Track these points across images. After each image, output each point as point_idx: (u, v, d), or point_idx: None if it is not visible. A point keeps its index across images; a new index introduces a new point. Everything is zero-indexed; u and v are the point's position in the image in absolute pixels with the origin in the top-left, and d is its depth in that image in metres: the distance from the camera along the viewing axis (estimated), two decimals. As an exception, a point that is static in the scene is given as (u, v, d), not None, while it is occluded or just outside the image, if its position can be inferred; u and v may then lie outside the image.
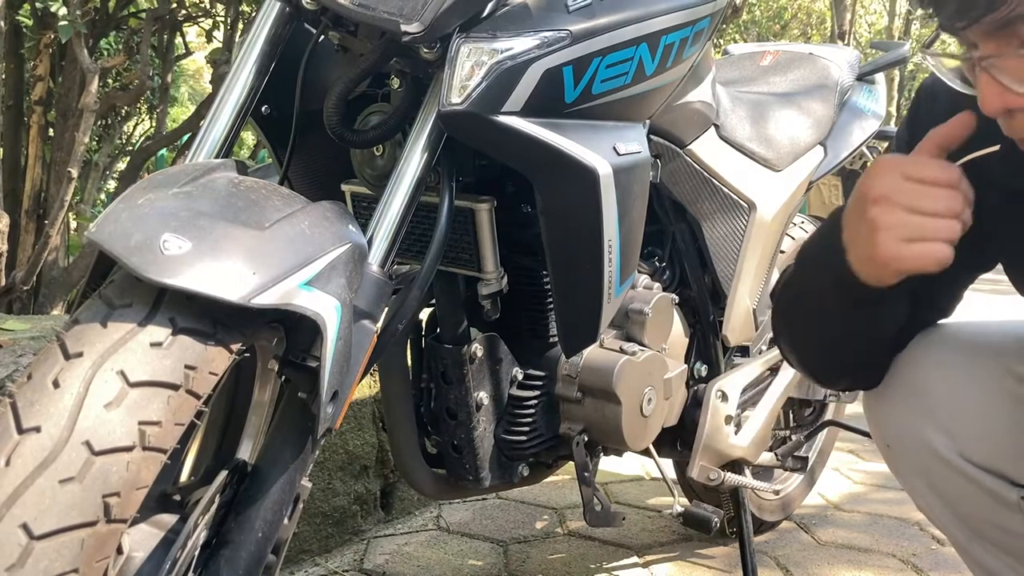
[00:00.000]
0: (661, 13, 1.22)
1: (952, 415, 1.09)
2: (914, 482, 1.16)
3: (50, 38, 3.65)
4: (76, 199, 3.93)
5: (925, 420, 1.11)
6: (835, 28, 10.79)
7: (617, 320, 1.47)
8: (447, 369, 1.34)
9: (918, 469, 1.14)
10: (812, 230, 2.05)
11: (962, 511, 1.12)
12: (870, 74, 2.07)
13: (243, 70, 1.14)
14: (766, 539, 2.06)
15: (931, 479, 1.13)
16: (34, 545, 0.72)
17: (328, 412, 0.95)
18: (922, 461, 1.13)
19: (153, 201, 0.89)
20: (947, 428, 1.09)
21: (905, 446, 1.14)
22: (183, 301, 0.84)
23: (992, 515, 1.09)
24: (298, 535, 1.82)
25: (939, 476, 1.11)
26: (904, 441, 1.14)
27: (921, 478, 1.15)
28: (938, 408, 1.10)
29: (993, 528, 1.10)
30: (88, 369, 0.78)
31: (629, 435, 1.42)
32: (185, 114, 8.17)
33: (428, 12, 1.06)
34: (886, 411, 1.16)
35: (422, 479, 1.41)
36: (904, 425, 1.13)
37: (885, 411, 1.16)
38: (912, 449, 1.13)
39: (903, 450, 1.15)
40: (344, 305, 0.94)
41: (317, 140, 1.23)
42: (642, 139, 1.28)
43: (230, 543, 0.95)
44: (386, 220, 1.08)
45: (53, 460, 0.74)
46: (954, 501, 1.12)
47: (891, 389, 1.14)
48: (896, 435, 1.15)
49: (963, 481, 1.09)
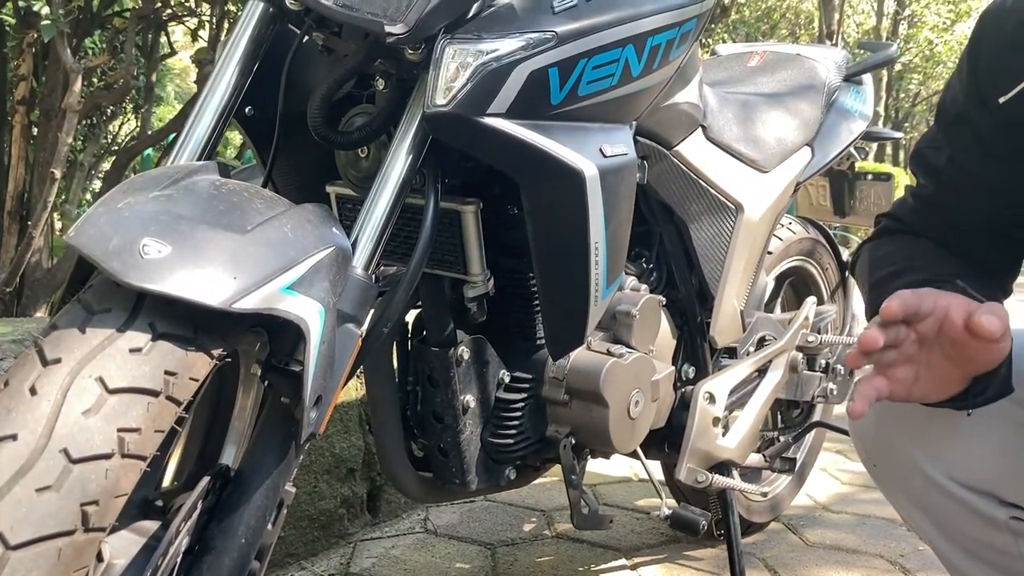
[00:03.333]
0: (648, 14, 1.22)
1: (940, 434, 1.08)
2: (901, 501, 1.15)
3: (33, 37, 3.62)
4: (61, 199, 3.90)
5: (912, 440, 1.09)
6: (823, 28, 10.83)
7: (604, 322, 1.46)
8: (433, 372, 1.33)
9: (905, 489, 1.13)
10: (800, 231, 2.06)
11: (950, 530, 1.11)
12: (858, 74, 2.07)
13: (226, 71, 1.13)
14: (754, 540, 2.06)
15: (918, 499, 1.12)
16: (10, 555, 0.71)
17: (312, 417, 0.94)
18: (909, 481, 1.11)
19: (133, 205, 0.88)
20: (934, 448, 1.08)
21: (893, 466, 1.13)
22: (163, 306, 0.83)
23: (981, 534, 1.08)
24: (284, 539, 1.81)
25: (926, 496, 1.10)
26: (891, 462, 1.13)
27: (908, 498, 1.13)
28: (925, 427, 1.08)
29: (982, 547, 1.09)
30: (66, 376, 0.77)
31: (616, 437, 1.41)
32: (171, 113, 8.13)
33: (412, 13, 1.05)
34: (871, 432, 1.15)
35: (409, 482, 1.40)
36: (890, 446, 1.12)
37: (870, 431, 1.15)
38: (899, 469, 1.12)
39: (890, 470, 1.14)
40: (328, 309, 0.93)
41: (301, 141, 1.22)
42: (629, 141, 1.28)
43: (213, 549, 0.94)
44: (371, 222, 1.07)
45: (30, 468, 0.73)
46: (942, 520, 1.11)
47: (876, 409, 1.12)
48: (882, 455, 1.14)
49: (951, 501, 1.08)
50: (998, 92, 1.01)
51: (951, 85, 1.13)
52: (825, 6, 10.81)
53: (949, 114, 1.12)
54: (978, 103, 1.06)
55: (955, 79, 1.12)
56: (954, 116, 1.10)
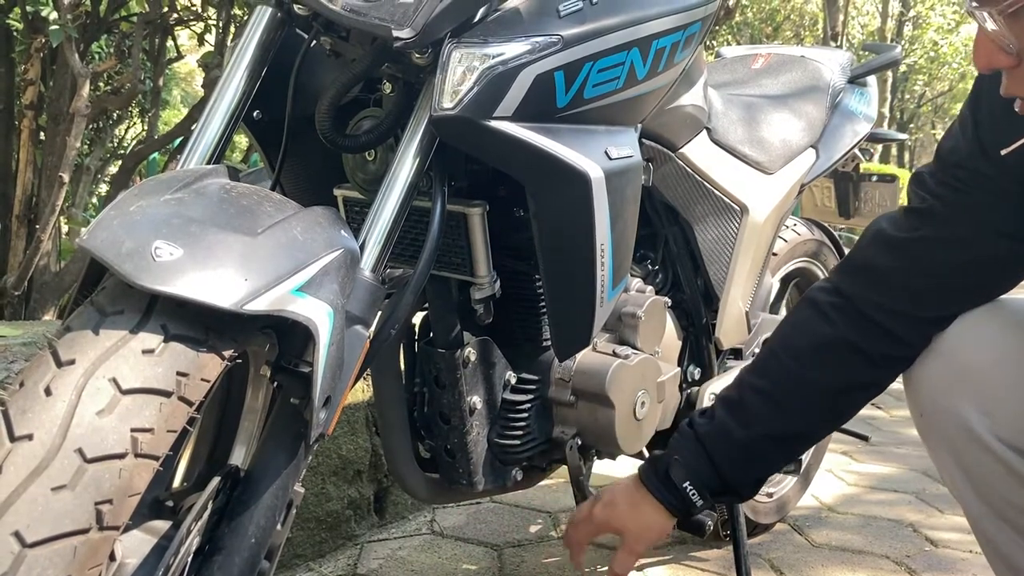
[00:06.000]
0: (652, 18, 1.23)
1: (992, 393, 1.10)
2: (942, 454, 1.17)
3: (41, 42, 3.65)
4: (67, 203, 3.91)
5: (963, 395, 1.11)
6: (828, 30, 10.82)
7: (610, 323, 1.47)
8: (440, 373, 1.33)
9: (948, 442, 1.15)
10: (804, 232, 2.06)
11: (985, 489, 1.13)
12: (862, 76, 2.07)
13: (235, 75, 1.14)
14: (760, 541, 2.06)
15: (959, 453, 1.14)
16: (26, 553, 0.72)
17: (321, 418, 0.95)
18: (954, 435, 1.13)
19: (144, 208, 0.89)
20: (984, 405, 1.10)
21: (939, 418, 1.15)
22: (175, 308, 0.84)
23: (1016, 496, 1.10)
24: (291, 540, 1.82)
25: (968, 452, 1.12)
26: (939, 414, 1.15)
27: (950, 451, 1.15)
28: (978, 383, 1.10)
29: (1012, 508, 1.11)
30: (80, 376, 0.78)
31: (623, 438, 1.42)
32: (177, 117, 8.15)
33: (419, 18, 1.05)
34: (925, 381, 1.17)
35: (416, 483, 1.40)
36: (941, 397, 1.14)
37: (924, 381, 1.17)
38: (945, 422, 1.14)
39: (936, 422, 1.16)
40: (336, 311, 0.94)
41: (309, 145, 1.23)
42: (634, 143, 1.28)
43: (223, 549, 0.95)
44: (378, 225, 1.08)
45: (45, 468, 0.74)
46: (979, 478, 1.13)
47: (933, 359, 1.15)
48: (931, 406, 1.16)
49: (992, 460, 1.10)
50: (1001, 144, 1.04)
51: (953, 133, 1.16)
52: (829, 7, 10.80)
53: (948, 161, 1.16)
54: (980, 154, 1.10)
55: (957, 127, 1.16)
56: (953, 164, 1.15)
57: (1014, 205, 1.09)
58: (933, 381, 1.15)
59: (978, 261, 1.13)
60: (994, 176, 1.09)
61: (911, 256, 1.17)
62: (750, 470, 1.27)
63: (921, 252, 1.16)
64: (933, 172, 1.18)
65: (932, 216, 1.16)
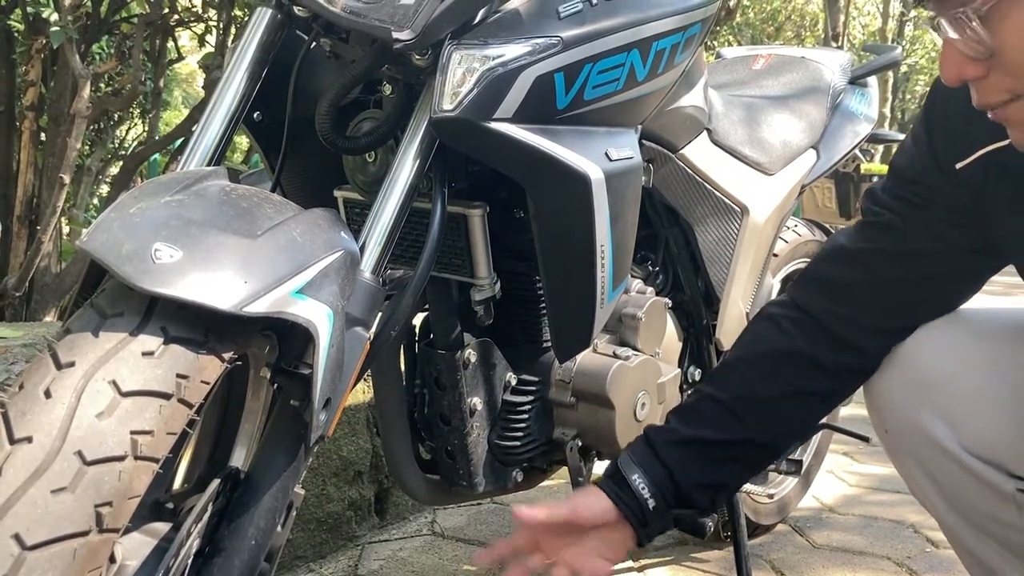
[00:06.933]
0: (652, 19, 1.23)
1: (954, 403, 1.09)
2: (910, 468, 1.17)
3: (42, 43, 3.65)
4: (68, 204, 3.92)
5: (926, 407, 1.11)
6: (828, 30, 10.82)
7: (610, 325, 1.47)
8: (440, 375, 1.33)
9: (915, 456, 1.14)
10: (805, 233, 2.06)
11: (956, 499, 1.12)
12: (863, 77, 2.07)
13: (235, 77, 1.14)
14: (761, 542, 2.06)
15: (927, 466, 1.13)
16: (26, 555, 0.72)
17: (321, 419, 0.95)
18: (920, 448, 1.13)
19: (144, 210, 0.89)
20: (948, 416, 1.09)
21: (905, 433, 1.14)
22: (175, 310, 0.84)
23: (986, 505, 1.09)
24: (292, 541, 1.82)
25: (936, 464, 1.12)
26: (904, 428, 1.14)
27: (917, 465, 1.15)
28: (940, 395, 1.10)
29: (985, 518, 1.10)
30: (80, 379, 0.78)
31: (623, 439, 1.42)
32: (178, 118, 8.16)
33: (419, 19, 1.06)
34: (886, 395, 1.16)
35: (416, 485, 1.40)
36: (905, 412, 1.13)
37: (885, 394, 1.16)
38: (911, 436, 1.13)
39: (902, 437, 1.15)
40: (336, 312, 0.94)
41: (309, 146, 1.23)
42: (634, 144, 1.28)
43: (223, 551, 0.95)
44: (378, 226, 1.08)
45: (45, 470, 0.74)
46: (949, 489, 1.12)
47: (893, 373, 1.14)
48: (896, 421, 1.15)
49: (960, 470, 1.09)
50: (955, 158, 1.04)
51: (906, 149, 1.16)
52: (830, 8, 10.80)
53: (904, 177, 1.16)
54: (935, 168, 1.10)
55: (910, 142, 1.16)
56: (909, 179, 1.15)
57: (971, 218, 1.09)
58: (895, 395, 1.14)
59: (936, 273, 1.13)
60: (950, 190, 1.09)
61: (870, 268, 1.16)
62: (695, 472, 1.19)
63: (880, 264, 1.15)
64: (887, 188, 1.17)
65: (890, 230, 1.15)
